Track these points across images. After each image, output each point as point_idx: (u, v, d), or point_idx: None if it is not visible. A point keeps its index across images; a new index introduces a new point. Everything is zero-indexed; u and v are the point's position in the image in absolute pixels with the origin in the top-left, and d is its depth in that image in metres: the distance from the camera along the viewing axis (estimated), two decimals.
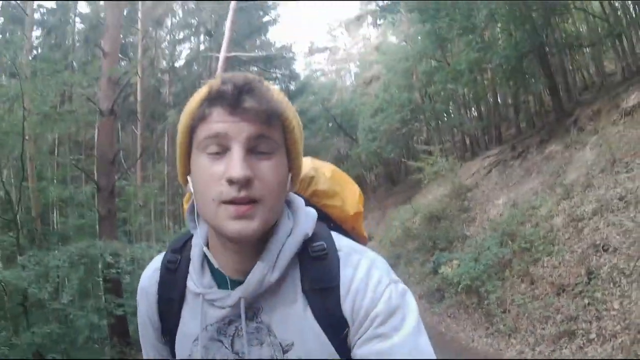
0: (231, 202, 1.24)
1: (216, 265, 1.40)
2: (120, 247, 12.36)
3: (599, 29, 20.34)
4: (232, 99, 1.26)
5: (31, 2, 21.86)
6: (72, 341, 11.05)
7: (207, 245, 1.46)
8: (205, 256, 1.45)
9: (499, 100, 28.53)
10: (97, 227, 14.49)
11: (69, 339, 10.97)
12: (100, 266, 12.88)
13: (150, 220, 25.42)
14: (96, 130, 20.77)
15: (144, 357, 1.66)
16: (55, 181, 18.12)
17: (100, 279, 14.19)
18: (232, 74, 1.33)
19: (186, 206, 1.67)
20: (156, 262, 1.61)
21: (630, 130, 12.61)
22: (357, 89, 45.73)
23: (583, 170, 12.91)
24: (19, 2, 22.20)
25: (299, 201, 1.54)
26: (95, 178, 14.69)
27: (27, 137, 13.36)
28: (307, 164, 1.86)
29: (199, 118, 1.31)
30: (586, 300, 8.92)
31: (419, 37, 28.51)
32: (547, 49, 21.24)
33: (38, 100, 13.16)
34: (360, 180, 47.60)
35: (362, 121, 34.63)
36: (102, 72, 14.14)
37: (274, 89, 1.36)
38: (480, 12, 20.98)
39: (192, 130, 1.34)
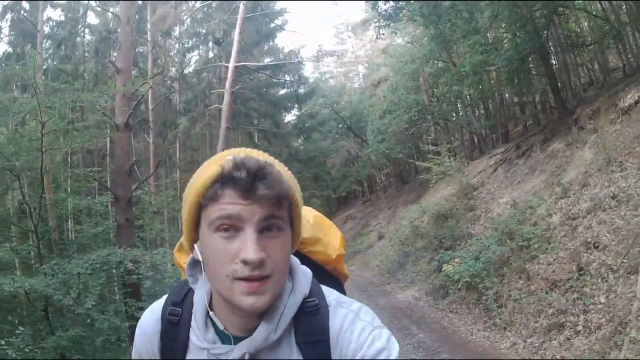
0: (245, 278, 1.31)
1: (221, 327, 1.48)
2: (140, 254, 12.84)
3: (600, 28, 20.59)
4: (246, 184, 1.30)
5: (40, 16, 22.30)
6: (94, 343, 11.56)
7: (210, 302, 1.53)
8: (207, 312, 1.52)
9: (505, 99, 28.80)
10: (115, 235, 14.90)
11: (91, 341, 11.48)
12: (121, 272, 13.29)
13: (164, 227, 25.76)
14: (108, 141, 21.26)
15: None
16: (69, 191, 18.35)
17: (116, 284, 14.71)
18: (244, 156, 1.37)
19: (177, 255, 1.88)
20: (156, 311, 1.64)
21: (626, 129, 12.92)
22: (366, 91, 45.90)
23: (582, 168, 13.28)
24: (30, 18, 22.66)
25: (296, 261, 1.60)
26: (108, 186, 15.21)
27: (43, 150, 13.81)
28: None
29: (210, 197, 1.34)
30: (575, 295, 9.39)
31: (425, 39, 28.48)
32: (551, 48, 21.57)
33: (55, 116, 13.56)
34: (371, 180, 47.85)
35: (371, 122, 34.75)
36: (117, 89, 14.48)
37: (283, 170, 1.43)
38: (483, 14, 21.31)
39: (201, 206, 1.38)
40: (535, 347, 9.27)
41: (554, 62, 23.56)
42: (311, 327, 1.47)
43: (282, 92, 42.40)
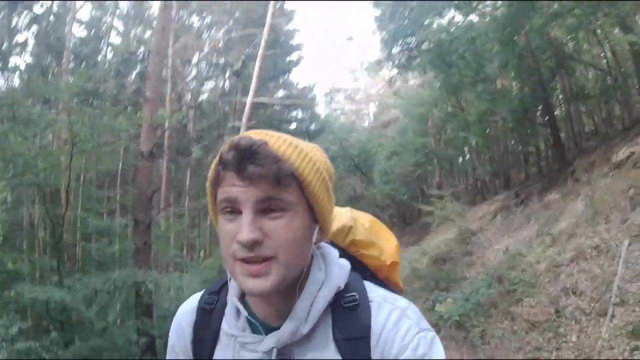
0: (245, 260, 1.30)
1: (245, 314, 1.47)
2: (158, 277, 13.60)
3: (604, 81, 21.37)
4: (237, 165, 1.29)
5: (69, 32, 23.09)
6: (109, 355, 12.33)
7: (243, 292, 1.50)
8: (240, 299, 1.51)
9: (509, 146, 29.52)
10: (133, 257, 15.52)
11: (108, 353, 12.25)
12: (142, 292, 14.01)
13: (177, 252, 26.22)
14: (120, 164, 21.92)
15: None
16: (79, 209, 18.82)
17: (129, 303, 15.41)
18: (239, 136, 1.35)
19: None
20: (193, 303, 1.66)
21: (616, 182, 13.77)
22: (375, 131, 46.60)
23: (572, 219, 14.10)
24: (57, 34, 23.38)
25: (333, 253, 1.56)
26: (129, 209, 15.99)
27: (64, 167, 14.58)
28: (347, 214, 1.95)
29: (216, 181, 1.37)
30: (551, 334, 10.30)
31: (435, 84, 29.22)
32: (559, 97, 22.39)
33: (87, 138, 14.32)
34: None
35: (379, 163, 35.27)
36: (144, 118, 15.22)
37: (286, 147, 1.37)
38: (492, 63, 22.10)
39: (214, 191, 1.40)
40: None
41: (560, 112, 24.35)
42: (350, 323, 1.42)
43: (293, 126, 43.06)
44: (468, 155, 34.56)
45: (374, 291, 1.50)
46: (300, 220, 1.36)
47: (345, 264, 1.55)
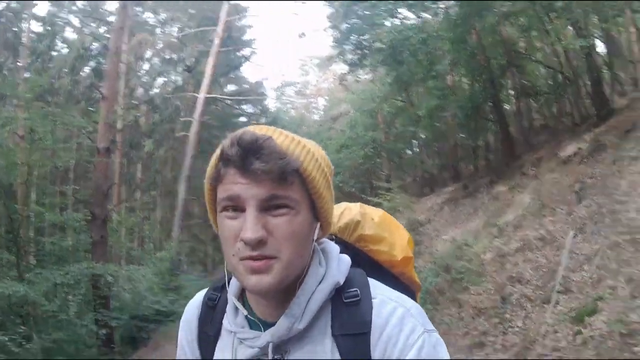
0: (248, 258, 1.27)
1: (245, 313, 1.44)
2: (116, 269, 13.84)
3: (554, 78, 21.86)
4: (240, 161, 1.25)
5: (26, 28, 22.98)
6: (74, 346, 12.54)
7: (244, 289, 1.47)
8: (240, 297, 1.50)
9: (459, 140, 29.94)
10: (90, 251, 15.66)
11: (69, 346, 12.44)
12: (101, 284, 14.20)
13: (132, 246, 26.40)
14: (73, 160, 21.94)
15: None
16: (34, 205, 18.82)
17: (84, 295, 15.57)
18: (241, 131, 1.31)
19: None
20: (198, 298, 1.65)
21: (563, 177, 14.29)
22: (325, 124, 46.85)
23: (519, 212, 14.59)
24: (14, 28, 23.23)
25: (333, 249, 1.53)
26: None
27: (21, 163, 14.65)
28: (355, 209, 1.95)
29: (216, 179, 1.32)
30: (497, 320, 10.85)
31: (387, 80, 29.22)
32: (509, 92, 22.76)
33: (45, 135, 14.43)
34: None
35: (328, 156, 35.45)
36: (102, 116, 15.44)
37: (289, 142, 1.35)
38: (442, 62, 22.44)
39: (214, 189, 1.36)
40: None
41: (511, 107, 24.68)
42: (351, 318, 1.38)
43: (244, 120, 43.03)
44: (417, 149, 34.97)
45: (378, 288, 1.45)
46: (303, 218, 1.34)
47: (346, 259, 1.52)
